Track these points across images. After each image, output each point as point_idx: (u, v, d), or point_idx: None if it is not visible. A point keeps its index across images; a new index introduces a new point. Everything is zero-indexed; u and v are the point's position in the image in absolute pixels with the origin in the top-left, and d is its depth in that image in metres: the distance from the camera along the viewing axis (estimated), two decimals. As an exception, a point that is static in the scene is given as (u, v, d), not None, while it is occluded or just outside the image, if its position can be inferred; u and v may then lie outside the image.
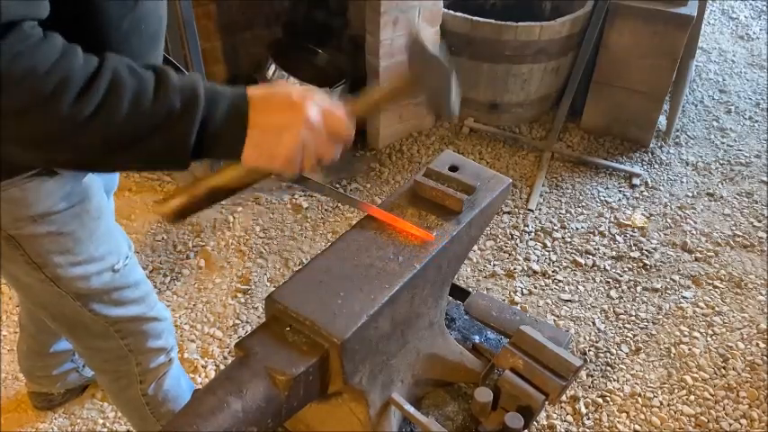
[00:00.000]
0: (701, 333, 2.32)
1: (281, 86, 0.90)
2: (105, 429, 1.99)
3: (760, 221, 2.81)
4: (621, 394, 2.12)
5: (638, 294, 2.46)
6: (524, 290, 2.46)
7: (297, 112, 0.87)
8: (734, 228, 2.78)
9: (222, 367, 2.13)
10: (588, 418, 2.05)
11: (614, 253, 2.63)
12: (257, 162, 0.88)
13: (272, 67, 2.86)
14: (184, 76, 0.83)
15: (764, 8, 4.67)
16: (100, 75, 0.77)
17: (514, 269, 2.54)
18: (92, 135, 0.77)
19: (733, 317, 2.38)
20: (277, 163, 0.88)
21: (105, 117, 0.77)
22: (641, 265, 2.58)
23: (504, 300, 2.42)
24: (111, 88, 0.77)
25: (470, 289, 1.54)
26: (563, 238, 2.69)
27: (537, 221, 2.76)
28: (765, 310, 2.41)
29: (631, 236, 2.71)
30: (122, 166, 0.88)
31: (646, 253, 2.63)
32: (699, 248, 2.66)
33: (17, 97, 0.73)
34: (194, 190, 0.92)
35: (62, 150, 0.79)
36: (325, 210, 2.77)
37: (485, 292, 2.43)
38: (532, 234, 2.70)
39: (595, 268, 2.56)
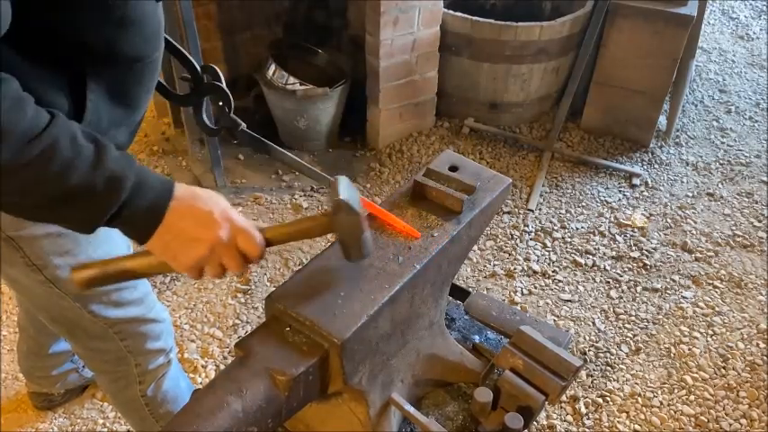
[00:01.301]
0: (701, 333, 2.32)
1: (210, 198, 0.93)
2: (105, 429, 1.99)
3: (760, 221, 2.81)
4: (621, 394, 2.12)
5: (638, 294, 2.46)
6: (524, 290, 2.46)
7: (210, 231, 0.90)
8: (734, 228, 2.78)
9: (222, 367, 2.13)
10: (588, 418, 2.05)
11: (614, 253, 2.63)
12: (160, 256, 0.92)
13: (272, 67, 2.86)
14: (120, 159, 0.85)
15: (764, 8, 4.67)
16: (41, 136, 0.79)
17: (514, 269, 2.54)
18: (14, 185, 0.80)
19: (733, 317, 2.38)
20: (178, 266, 0.92)
21: (35, 173, 0.79)
22: (641, 265, 2.58)
23: (504, 300, 2.42)
24: (45, 152, 0.79)
25: (470, 289, 1.54)
26: (563, 238, 2.69)
27: (537, 221, 2.76)
28: (765, 310, 2.41)
29: (631, 236, 2.71)
30: (33, 218, 0.93)
31: (646, 253, 2.63)
32: (699, 248, 2.66)
33: None
34: (108, 266, 0.96)
35: None
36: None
37: (485, 292, 2.43)
38: (532, 234, 2.70)
39: (595, 268, 2.56)
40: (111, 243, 1.26)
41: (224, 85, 1.37)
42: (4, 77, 0.78)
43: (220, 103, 1.38)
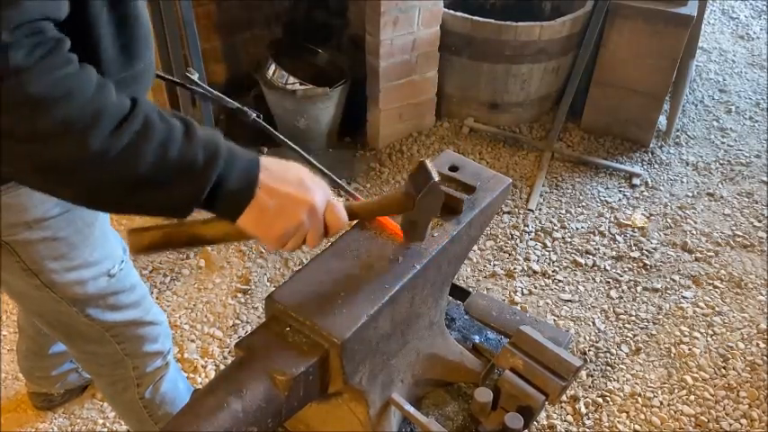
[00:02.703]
0: (701, 333, 2.32)
1: (295, 165, 0.91)
2: (105, 429, 1.99)
3: (760, 221, 2.81)
4: (621, 394, 2.12)
5: (638, 294, 2.46)
6: (524, 290, 2.46)
7: (306, 194, 0.88)
8: (734, 228, 2.78)
9: (222, 367, 2.13)
10: (588, 418, 2.05)
11: (614, 253, 2.63)
12: (251, 228, 0.88)
13: (272, 67, 2.85)
14: (207, 131, 0.83)
15: (764, 8, 4.67)
16: (133, 115, 0.76)
17: (514, 269, 2.54)
18: (112, 173, 0.76)
19: (733, 317, 2.38)
20: (269, 235, 0.89)
21: (131, 157, 0.76)
22: (641, 265, 2.58)
23: (504, 300, 2.42)
24: (142, 130, 0.76)
25: (470, 289, 1.54)
26: (563, 238, 2.69)
27: (537, 221, 2.76)
28: (765, 310, 2.41)
29: (631, 236, 2.71)
30: (125, 209, 0.86)
31: (646, 253, 2.63)
32: (699, 248, 2.66)
33: (51, 122, 0.71)
34: (174, 231, 0.91)
35: (76, 183, 0.78)
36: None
37: (485, 292, 2.43)
38: (532, 234, 2.70)
39: (595, 268, 2.56)
40: (108, 246, 1.25)
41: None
42: (85, 64, 0.75)
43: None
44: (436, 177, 0.97)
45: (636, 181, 2.98)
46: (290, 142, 1.52)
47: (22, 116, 0.70)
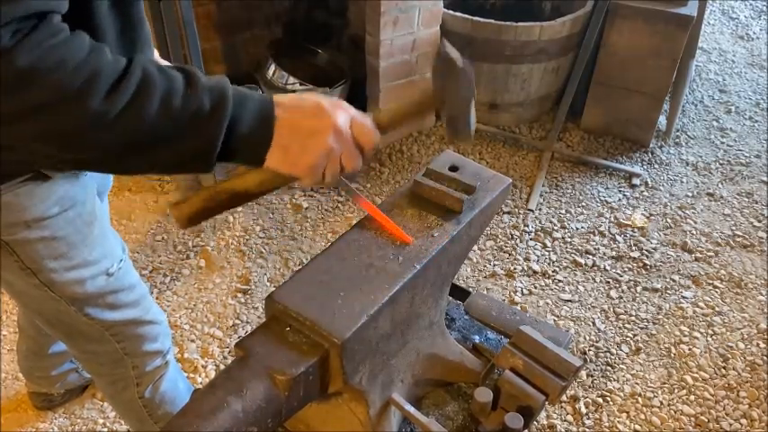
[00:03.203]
0: (701, 333, 2.32)
1: (310, 95, 0.89)
2: (105, 429, 1.99)
3: (760, 221, 2.81)
4: (621, 394, 2.12)
5: (638, 294, 2.46)
6: (524, 290, 2.46)
7: (326, 119, 0.87)
8: (734, 228, 2.78)
9: (222, 367, 2.13)
10: (588, 418, 2.05)
11: (614, 253, 2.63)
12: (281, 167, 0.87)
13: (272, 67, 2.86)
14: (212, 78, 0.82)
15: (764, 8, 4.67)
16: (130, 72, 0.76)
17: (514, 269, 2.54)
18: (119, 133, 0.76)
19: (733, 317, 2.38)
20: (300, 169, 0.87)
21: (134, 115, 0.75)
22: (641, 265, 2.58)
23: (504, 300, 2.42)
24: (141, 86, 0.76)
25: (470, 289, 1.54)
26: (563, 238, 2.69)
27: (537, 221, 2.76)
28: (765, 310, 2.41)
29: (631, 236, 2.71)
30: (145, 168, 0.85)
31: (646, 253, 2.63)
32: (699, 248, 2.66)
33: (46, 91, 0.71)
34: (213, 194, 0.89)
35: (87, 148, 0.78)
36: (325, 210, 2.77)
37: (485, 292, 2.43)
38: (532, 234, 2.70)
39: (595, 268, 2.56)
40: (107, 245, 1.25)
41: None
42: (77, 31, 0.75)
43: None
44: (460, 62, 0.90)
45: (636, 181, 2.98)
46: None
47: (19, 91, 0.71)
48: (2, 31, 0.68)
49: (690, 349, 2.26)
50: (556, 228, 2.73)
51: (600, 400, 2.10)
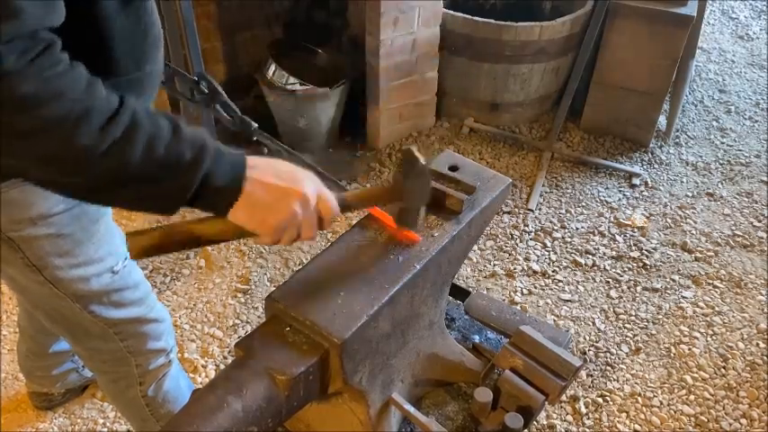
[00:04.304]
0: (701, 333, 2.32)
1: (283, 162, 0.93)
2: (105, 429, 1.99)
3: (760, 221, 2.81)
4: (621, 394, 2.12)
5: (638, 294, 2.46)
6: (524, 290, 2.46)
7: (296, 185, 0.90)
8: (734, 228, 2.78)
9: (222, 367, 2.13)
10: (588, 418, 2.05)
11: (614, 253, 2.63)
12: (244, 223, 0.90)
13: (272, 67, 2.86)
14: (194, 130, 0.86)
15: (764, 8, 4.67)
16: (120, 113, 0.79)
17: (514, 269, 2.54)
18: (103, 167, 0.80)
19: (733, 317, 2.38)
20: (262, 228, 0.91)
21: (120, 154, 0.79)
22: (641, 264, 2.58)
23: (504, 300, 2.42)
24: (129, 128, 0.79)
25: (470, 289, 1.54)
26: (563, 238, 2.69)
27: (537, 221, 2.76)
28: (765, 310, 2.41)
29: (631, 236, 2.71)
30: (116, 202, 0.89)
31: (646, 253, 2.63)
32: (699, 248, 2.66)
33: (42, 120, 0.75)
34: (170, 232, 0.93)
35: (72, 176, 0.81)
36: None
37: (485, 292, 2.43)
38: (532, 234, 2.70)
39: (595, 268, 2.56)
40: (112, 243, 1.26)
41: (221, 90, 1.38)
42: (75, 62, 0.79)
43: (221, 110, 1.39)
44: (422, 161, 0.98)
45: (636, 181, 2.98)
46: (287, 147, 1.53)
47: (16, 115, 0.74)
48: (5, 49, 0.71)
49: (690, 349, 2.26)
50: (556, 228, 2.73)
51: (600, 399, 2.10)
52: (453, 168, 1.21)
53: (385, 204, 1.08)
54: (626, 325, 2.34)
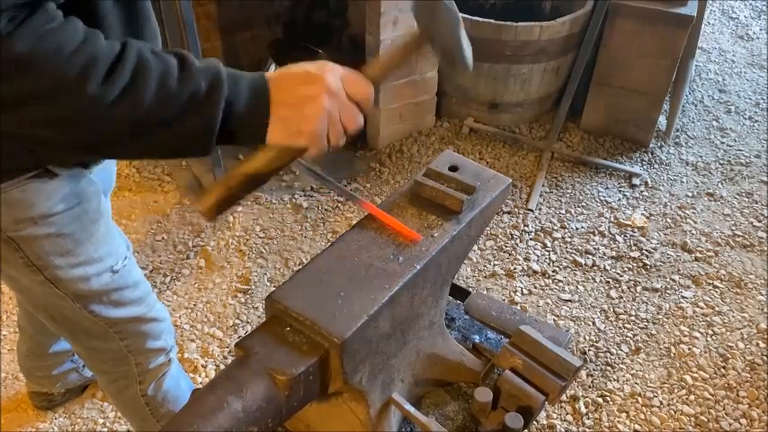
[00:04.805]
0: (701, 333, 2.32)
1: (296, 65, 0.90)
2: (105, 429, 1.99)
3: (760, 221, 2.81)
4: (621, 394, 2.12)
5: (638, 294, 2.46)
6: (524, 290, 2.46)
7: (317, 83, 0.87)
8: (734, 228, 2.78)
9: (222, 367, 2.13)
10: (588, 418, 2.05)
11: (614, 253, 2.63)
12: (284, 140, 0.87)
13: (272, 68, 2.86)
14: (205, 60, 0.83)
15: (764, 8, 4.67)
16: (125, 57, 0.76)
17: (514, 269, 2.54)
18: (119, 117, 0.77)
19: (733, 317, 2.38)
20: (304, 137, 0.88)
21: (132, 98, 0.76)
22: (641, 264, 2.58)
23: (504, 300, 2.42)
24: (137, 70, 0.77)
25: (470, 289, 1.54)
26: (563, 238, 2.69)
27: (537, 221, 2.76)
28: (765, 310, 2.41)
29: (631, 236, 2.71)
30: (146, 152, 0.86)
31: (646, 253, 2.63)
32: (699, 248, 2.66)
33: (44, 77, 0.72)
34: (228, 181, 0.91)
35: (87, 132, 0.79)
36: (325, 210, 2.77)
37: (485, 292, 2.43)
38: (532, 234, 2.70)
39: (595, 268, 2.56)
40: (112, 243, 1.26)
41: None
42: (70, 17, 0.76)
43: None
44: None
45: (636, 181, 2.98)
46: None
47: (17, 77, 0.72)
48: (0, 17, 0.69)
49: (690, 349, 2.26)
50: (556, 228, 2.74)
51: (600, 399, 2.10)
52: (453, 168, 1.21)
53: (417, 55, 0.98)
54: (626, 325, 2.34)
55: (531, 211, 2.80)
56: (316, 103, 0.86)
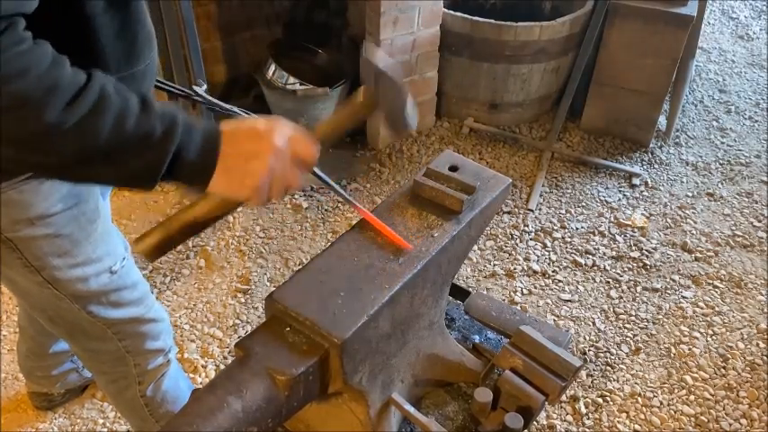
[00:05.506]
0: (701, 333, 2.32)
1: (249, 120, 0.93)
2: (105, 429, 1.99)
3: (760, 221, 2.81)
4: (621, 394, 2.12)
5: (638, 294, 2.46)
6: (524, 290, 2.46)
7: (264, 141, 0.90)
8: (734, 228, 2.78)
9: (222, 367, 2.13)
10: (588, 418, 2.05)
11: (614, 253, 2.63)
12: (226, 190, 0.91)
13: (272, 67, 2.86)
14: (165, 105, 0.86)
15: (764, 8, 4.67)
16: (87, 88, 0.78)
17: (514, 269, 2.54)
18: (71, 145, 0.79)
19: (733, 317, 2.38)
20: (245, 191, 0.91)
21: (87, 130, 0.78)
22: (641, 265, 2.58)
23: (504, 300, 2.42)
24: (97, 103, 0.78)
25: (470, 289, 1.54)
26: (563, 238, 2.69)
27: (537, 221, 2.76)
28: (765, 310, 2.41)
29: (631, 236, 2.71)
30: (93, 180, 0.89)
31: (646, 253, 2.63)
32: (699, 248, 2.66)
33: (7, 97, 0.73)
34: (169, 226, 0.94)
35: (38, 153, 0.80)
36: (325, 210, 2.77)
37: (485, 292, 2.43)
38: (532, 234, 2.70)
39: (595, 268, 2.56)
40: (110, 243, 1.26)
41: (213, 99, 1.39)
42: (39, 40, 0.78)
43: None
44: (380, 64, 0.96)
45: (636, 181, 2.98)
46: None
47: None
48: None
49: (690, 349, 2.26)
50: (556, 228, 2.73)
51: (600, 400, 2.10)
52: (453, 168, 1.21)
53: (365, 117, 1.04)
54: (626, 325, 2.34)
55: (531, 211, 2.80)
56: (260, 160, 0.89)
